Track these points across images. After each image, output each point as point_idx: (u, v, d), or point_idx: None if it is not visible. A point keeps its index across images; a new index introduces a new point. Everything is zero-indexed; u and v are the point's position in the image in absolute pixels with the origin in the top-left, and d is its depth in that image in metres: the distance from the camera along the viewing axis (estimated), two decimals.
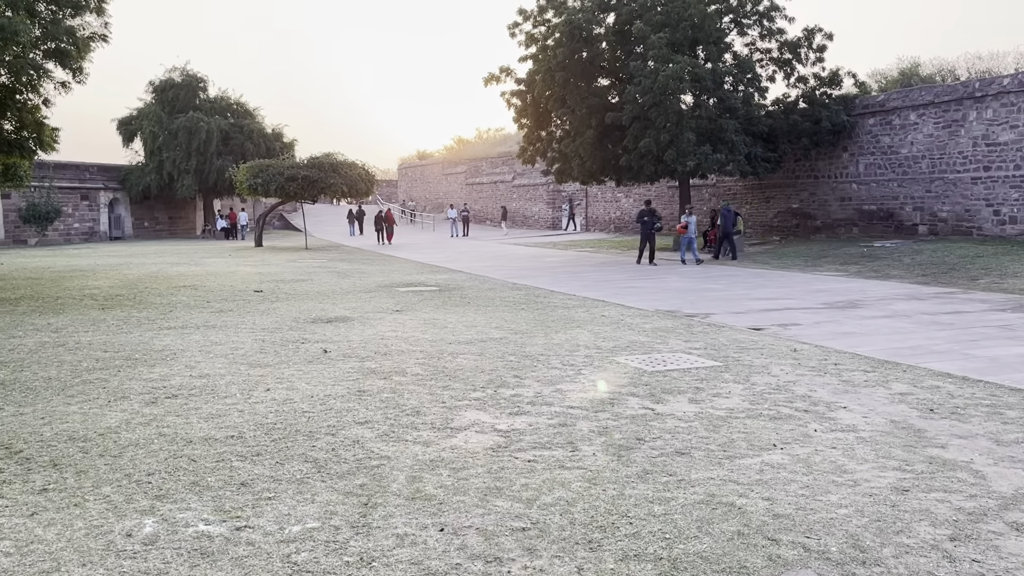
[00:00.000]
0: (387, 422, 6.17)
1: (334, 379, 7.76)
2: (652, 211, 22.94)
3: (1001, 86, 22.27)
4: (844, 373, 7.81)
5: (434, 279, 18.84)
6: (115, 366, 8.49)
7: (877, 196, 26.16)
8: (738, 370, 8.02)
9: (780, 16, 26.03)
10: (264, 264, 24.28)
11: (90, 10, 16.89)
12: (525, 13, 27.55)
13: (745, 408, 6.51)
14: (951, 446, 5.44)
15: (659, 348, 9.33)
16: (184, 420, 6.27)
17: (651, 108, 23.76)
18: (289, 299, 14.89)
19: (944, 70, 42.21)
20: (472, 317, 12.18)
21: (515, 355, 8.96)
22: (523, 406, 6.64)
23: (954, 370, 7.84)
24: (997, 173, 22.28)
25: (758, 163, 25.70)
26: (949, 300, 13.60)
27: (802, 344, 9.48)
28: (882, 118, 25.84)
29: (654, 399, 6.83)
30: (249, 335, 10.58)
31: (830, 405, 6.58)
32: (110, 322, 11.94)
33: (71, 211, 42.43)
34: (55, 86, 15.97)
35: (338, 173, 32.90)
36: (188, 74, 45.73)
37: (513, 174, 50.99)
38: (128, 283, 18.16)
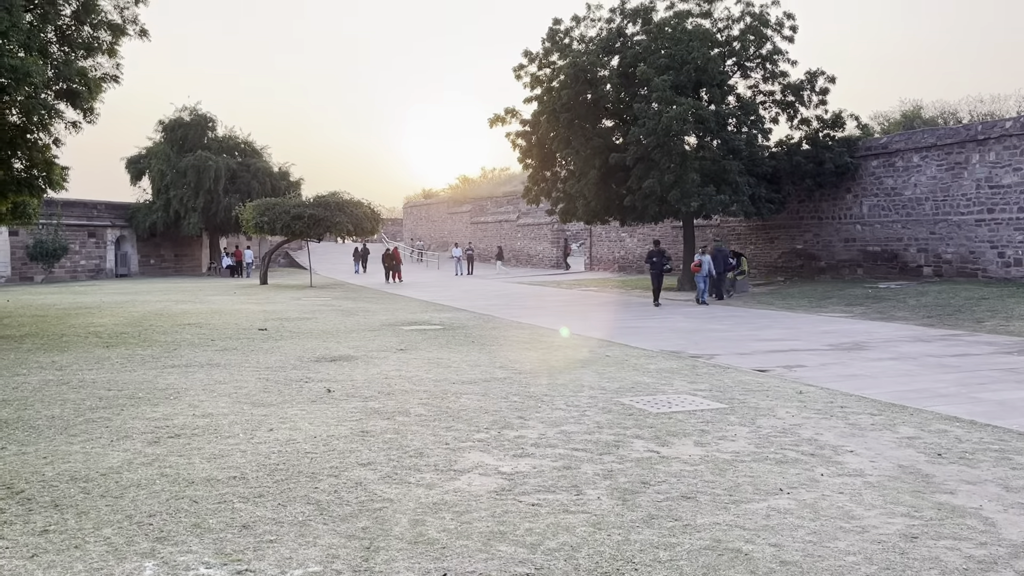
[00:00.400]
0: (390, 463, 6.13)
1: (337, 419, 7.73)
2: (661, 251, 22.72)
3: (1003, 129, 22.42)
4: (851, 416, 7.76)
5: (438, 318, 18.84)
6: (118, 405, 8.47)
7: (881, 237, 26.21)
8: (744, 412, 7.97)
9: (783, 59, 26.36)
10: (269, 302, 24.33)
11: (102, 52, 17.16)
12: (531, 55, 27.94)
13: (751, 451, 6.46)
14: (960, 492, 5.38)
15: (664, 389, 9.29)
16: (186, 460, 6.24)
17: (655, 149, 23.95)
18: (293, 337, 14.89)
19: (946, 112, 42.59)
20: (476, 356, 12.15)
21: (519, 395, 8.92)
22: (527, 448, 6.60)
23: (961, 414, 7.79)
24: (1001, 215, 22.34)
25: (762, 204, 25.82)
26: (955, 342, 13.54)
27: (808, 386, 9.43)
28: (885, 160, 25.99)
29: (659, 442, 6.78)
30: (253, 374, 10.56)
31: (837, 449, 6.53)
32: (114, 360, 11.94)
33: (78, 248, 42.68)
34: (66, 126, 16.17)
35: (344, 212, 33.11)
36: (197, 114, 46.31)
37: (518, 213, 51.26)
38: (133, 320, 18.19)
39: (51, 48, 16.24)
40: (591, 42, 27.11)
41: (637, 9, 26.71)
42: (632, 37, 26.67)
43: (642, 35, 26.29)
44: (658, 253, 22.51)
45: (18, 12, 13.53)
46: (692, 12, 26.41)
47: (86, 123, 16.45)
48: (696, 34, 25.29)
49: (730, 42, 26.20)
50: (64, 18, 16.69)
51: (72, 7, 16.78)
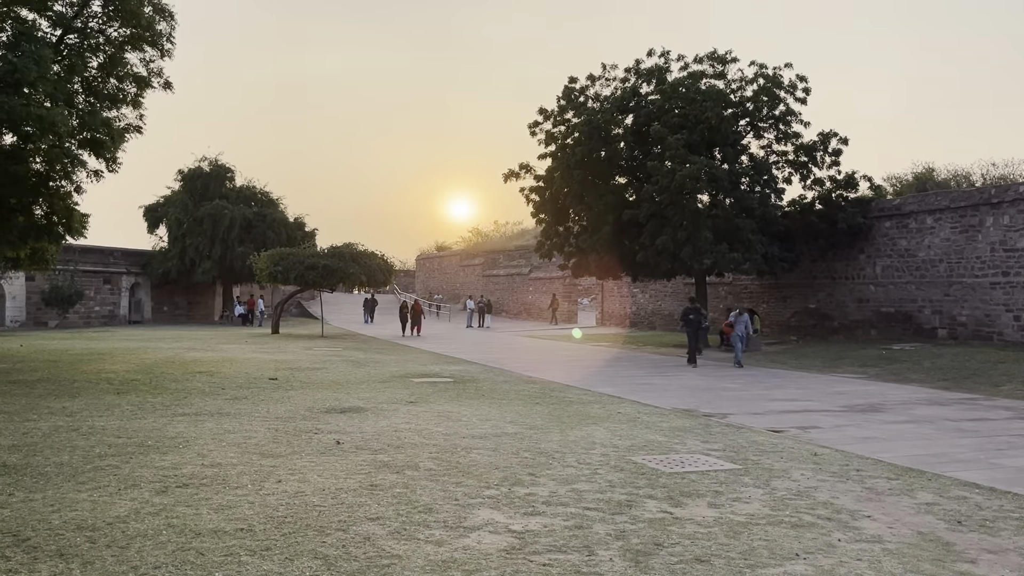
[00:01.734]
0: (399, 519, 6.05)
1: (346, 472, 7.66)
2: (698, 308, 21.88)
3: (1017, 192, 22.46)
4: (867, 480, 7.62)
5: (449, 370, 18.77)
6: (127, 453, 8.43)
7: (895, 298, 26.10)
8: (758, 474, 7.85)
9: (796, 120, 26.62)
10: (280, 351, 24.33)
11: (127, 103, 17.56)
12: (546, 113, 28.35)
13: (766, 514, 6.34)
14: (981, 561, 5.25)
15: (677, 448, 9.18)
16: (194, 511, 6.18)
17: (668, 206, 24.09)
18: (304, 388, 14.85)
19: (959, 175, 42.67)
20: (487, 411, 12.07)
21: (530, 452, 8.83)
22: (538, 506, 6.50)
23: (981, 480, 7.64)
24: (1016, 279, 22.23)
25: (775, 263, 25.83)
26: (972, 406, 13.36)
27: (823, 448, 9.30)
28: (898, 221, 26.03)
29: (672, 502, 6.67)
30: (262, 424, 10.51)
31: (854, 513, 6.40)
32: (124, 407, 11.92)
33: (92, 294, 42.98)
34: (88, 174, 16.46)
35: (358, 263, 33.30)
36: (216, 164, 47.00)
37: (530, 267, 51.40)
38: (144, 367, 18.21)
39: (77, 98, 16.63)
40: (606, 100, 27.51)
41: (652, 69, 27.13)
42: (646, 96, 27.05)
43: (656, 95, 26.66)
44: (695, 310, 21.63)
45: (46, 63, 13.89)
46: (706, 73, 26.80)
47: (108, 172, 16.74)
48: (710, 94, 25.63)
49: (744, 103, 26.51)
50: (91, 70, 17.13)
51: (99, 59, 17.24)
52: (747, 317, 21.86)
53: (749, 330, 21.69)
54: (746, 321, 21.55)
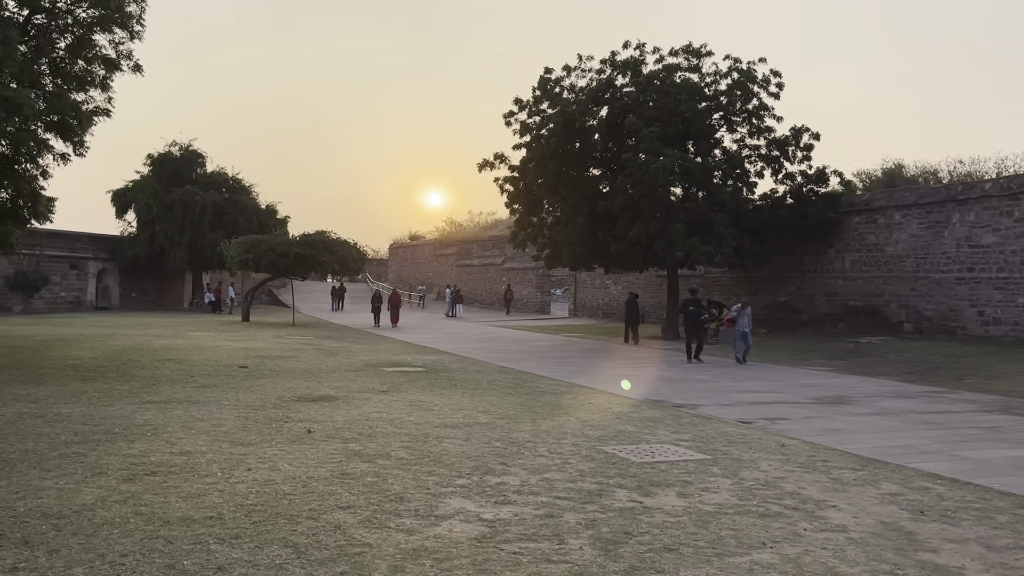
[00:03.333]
0: (370, 507, 6.04)
1: (317, 460, 7.63)
2: (697, 301, 20.75)
3: (983, 190, 22.85)
4: (833, 471, 7.74)
5: (421, 360, 18.74)
6: (94, 440, 8.33)
7: (863, 292, 26.46)
8: (727, 464, 7.93)
9: (768, 115, 26.84)
10: (250, 339, 24.13)
11: (95, 86, 17.24)
12: (521, 103, 28.32)
13: (734, 504, 6.42)
14: (943, 551, 5.36)
15: (647, 438, 9.25)
16: (162, 499, 6.12)
17: (641, 199, 24.20)
18: (274, 376, 14.75)
19: (927, 172, 43.31)
20: (459, 400, 12.08)
21: (502, 441, 8.85)
22: (509, 495, 6.53)
23: (943, 471, 7.79)
24: (981, 274, 22.64)
25: (746, 256, 26.07)
26: (936, 399, 13.61)
27: (791, 439, 9.42)
28: (867, 216, 26.38)
29: (642, 492, 6.73)
30: (232, 412, 10.44)
31: (819, 503, 6.50)
32: (91, 394, 11.77)
33: (59, 279, 42.30)
34: (55, 158, 16.15)
35: (330, 251, 33.05)
36: (188, 149, 46.38)
37: (503, 257, 51.42)
38: (112, 354, 17.98)
39: (44, 80, 16.31)
40: (581, 92, 27.54)
41: (627, 61, 27.19)
42: (621, 88, 27.12)
43: (631, 87, 26.73)
44: (694, 302, 20.51)
45: (12, 44, 13.60)
46: (681, 66, 26.92)
47: (76, 156, 16.45)
48: (684, 87, 25.76)
49: (717, 96, 26.69)
50: (59, 51, 16.80)
51: (67, 41, 16.91)
52: (750, 310, 20.55)
53: (749, 324, 20.06)
54: (749, 314, 20.26)
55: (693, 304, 20.33)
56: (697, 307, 20.30)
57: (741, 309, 20.29)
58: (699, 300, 20.80)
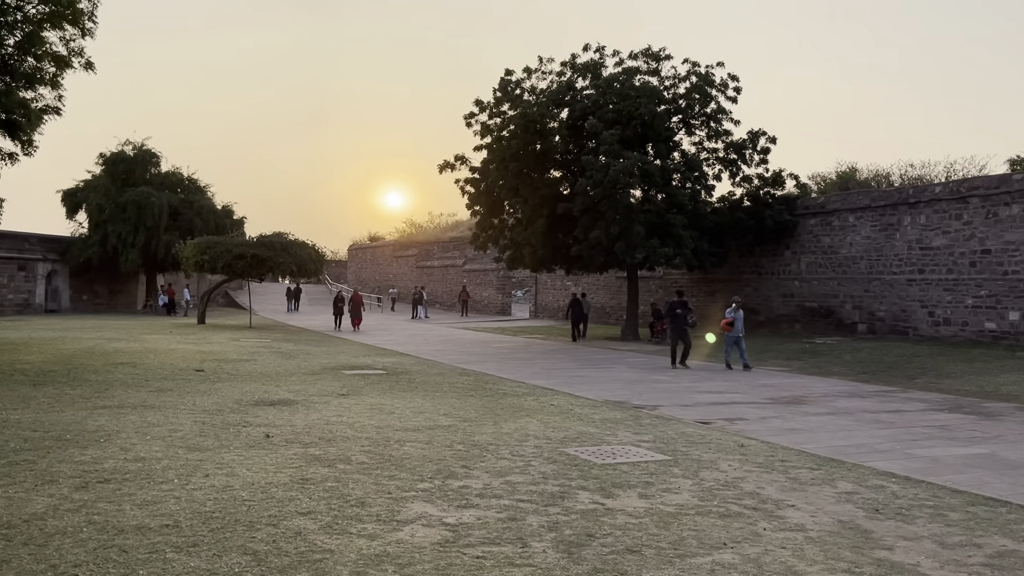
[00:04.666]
0: (331, 513, 5.98)
1: (276, 466, 7.53)
2: (684, 303, 19.69)
3: (933, 193, 23.40)
4: (791, 470, 7.85)
5: (381, 362, 18.61)
6: (44, 447, 8.12)
7: (818, 294, 26.92)
8: (687, 465, 8.01)
9: (726, 119, 27.17)
10: (206, 342, 23.74)
11: (45, 83, 16.84)
12: (482, 104, 28.29)
13: (695, 504, 6.48)
14: (898, 548, 5.46)
15: (609, 440, 9.30)
16: (116, 507, 5.98)
17: (602, 201, 24.35)
18: (231, 379, 14.53)
19: (879, 175, 44.28)
20: (420, 403, 12.02)
21: (463, 444, 8.83)
22: (472, 498, 6.51)
23: (897, 470, 7.95)
24: (931, 276, 23.18)
25: (704, 257, 26.36)
26: (889, 399, 13.89)
27: (749, 440, 9.54)
28: (823, 219, 26.85)
29: (604, 493, 6.76)
30: (188, 417, 10.25)
31: (778, 503, 6.59)
32: (41, 399, 11.47)
33: (6, 282, 41.16)
34: (2, 157, 15.72)
35: (288, 252, 32.64)
36: (141, 149, 45.46)
37: (464, 259, 51.33)
38: (62, 358, 17.54)
39: None
40: (542, 94, 27.60)
41: (587, 64, 27.34)
42: (582, 91, 27.24)
43: (591, 89, 26.87)
44: (681, 304, 19.45)
45: None
46: (640, 69, 27.13)
47: (24, 155, 16.04)
48: (644, 90, 25.97)
49: (676, 100, 26.94)
50: (7, 48, 16.36)
51: (16, 37, 16.47)
52: (742, 313, 19.21)
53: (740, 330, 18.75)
54: (742, 317, 19.03)
55: (680, 306, 19.36)
56: (684, 309, 19.34)
57: (735, 311, 18.80)
58: (686, 302, 19.86)
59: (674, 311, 19.37)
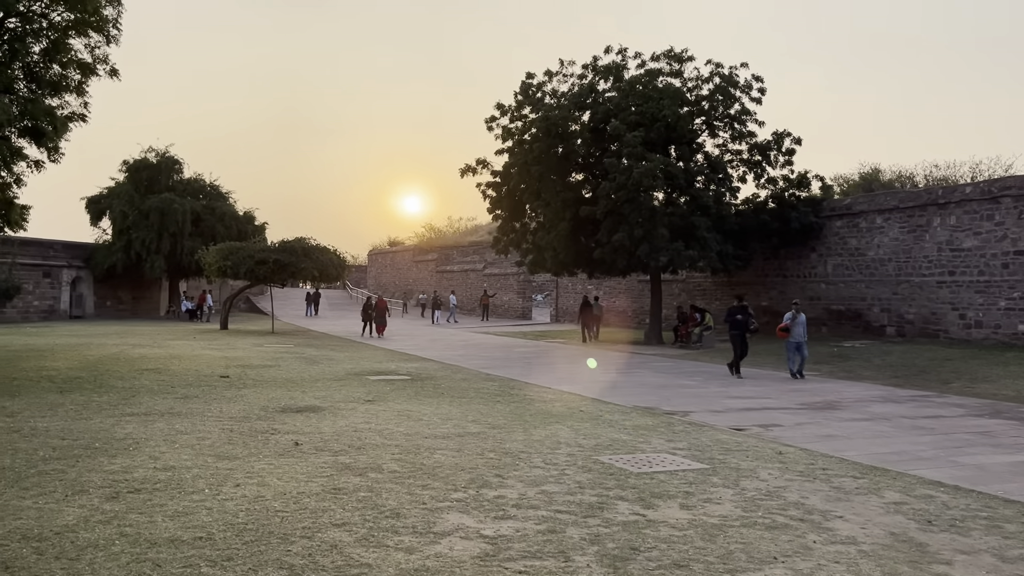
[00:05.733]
0: (366, 524, 5.83)
1: (307, 475, 7.40)
2: (745, 308, 18.36)
3: (964, 194, 22.99)
4: (834, 479, 7.63)
5: (405, 368, 18.50)
6: (73, 455, 8.04)
7: (845, 296, 26.54)
8: (726, 473, 7.80)
9: (751, 120, 26.86)
10: (230, 348, 23.74)
11: (70, 90, 16.88)
12: (503, 108, 28.17)
13: (739, 515, 6.27)
14: (956, 563, 5.24)
15: (642, 447, 9.10)
16: (148, 518, 5.87)
17: (625, 203, 24.13)
18: (257, 386, 14.46)
19: (903, 176, 43.70)
20: (447, 409, 11.87)
21: (495, 452, 8.66)
22: (508, 509, 6.34)
23: (944, 478, 7.70)
24: (962, 278, 22.76)
25: (729, 260, 26.07)
26: (925, 404, 13.58)
27: (787, 447, 9.31)
28: (849, 220, 26.47)
29: (644, 504, 6.57)
30: (216, 424, 10.16)
31: (825, 514, 6.37)
32: (68, 407, 11.43)
33: (32, 288, 41.50)
34: (28, 165, 15.75)
35: (310, 257, 32.69)
36: (164, 156, 45.72)
37: (484, 263, 51.22)
38: (88, 365, 17.57)
39: (18, 85, 15.92)
40: (563, 97, 27.45)
41: (609, 66, 27.15)
42: (604, 93, 27.05)
43: (613, 92, 26.68)
44: (741, 309, 18.17)
45: None
46: (663, 71, 26.90)
47: (50, 162, 16.07)
48: (667, 92, 25.74)
49: (699, 101, 26.68)
50: (33, 55, 16.42)
51: (42, 45, 16.53)
52: (804, 317, 17.75)
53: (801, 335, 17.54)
54: (803, 322, 17.65)
55: (740, 311, 18.05)
56: (745, 315, 18.01)
57: (794, 316, 17.55)
58: (747, 307, 18.45)
59: (734, 316, 18.10)
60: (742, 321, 17.91)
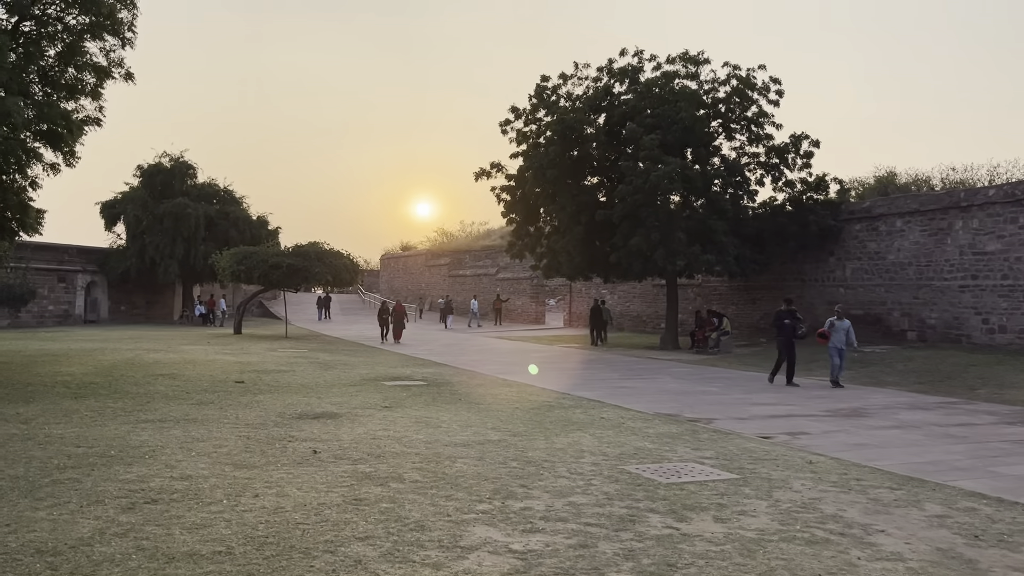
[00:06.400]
0: (390, 538, 5.63)
1: (327, 484, 7.20)
2: (793, 312, 17.51)
3: (987, 196, 22.62)
4: (870, 490, 7.37)
5: (421, 373, 18.31)
6: (88, 464, 7.88)
7: (864, 301, 26.18)
8: (757, 484, 7.55)
9: (768, 122, 26.57)
10: (244, 353, 23.63)
11: (85, 94, 16.80)
12: (517, 111, 28.01)
13: (776, 529, 6.03)
14: None
15: (669, 456, 8.86)
16: (165, 531, 5.69)
17: (642, 207, 23.88)
18: (272, 391, 14.30)
19: (919, 180, 43.19)
20: (466, 416, 11.67)
21: (517, 461, 8.45)
22: (536, 522, 6.12)
23: (985, 490, 7.43)
24: (985, 282, 22.39)
25: (746, 264, 25.78)
26: (953, 411, 13.27)
27: (817, 456, 9.05)
28: (868, 224, 26.12)
29: (676, 516, 6.34)
30: (232, 431, 9.99)
31: (866, 528, 6.12)
32: (83, 413, 11.29)
33: (47, 293, 41.58)
34: (44, 168, 15.67)
35: (323, 262, 32.61)
36: (178, 160, 45.78)
37: (496, 267, 51.03)
38: (103, 370, 17.47)
39: (33, 89, 15.85)
40: (578, 100, 27.25)
41: (625, 69, 26.93)
42: (619, 96, 26.83)
43: (629, 94, 26.45)
44: (789, 314, 17.25)
45: (5, 51, 13.15)
46: (679, 73, 26.66)
47: (66, 166, 15.99)
48: (683, 94, 25.49)
49: (716, 104, 26.42)
50: (48, 59, 16.35)
51: (57, 48, 16.46)
52: (849, 324, 17.04)
53: (852, 339, 16.91)
54: (848, 328, 16.90)
55: (788, 316, 17.16)
56: (793, 319, 17.14)
57: (837, 321, 16.82)
58: (795, 311, 17.62)
59: (781, 321, 17.18)
60: (790, 326, 17.02)
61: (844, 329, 16.76)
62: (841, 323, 16.84)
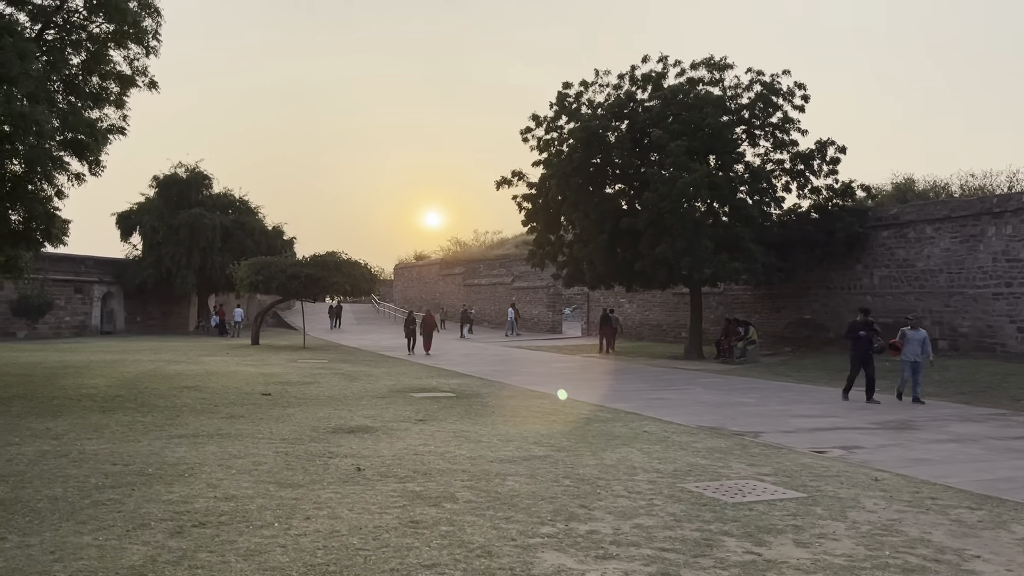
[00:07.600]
0: (458, 566, 5.30)
1: (379, 505, 6.88)
2: (870, 323, 16.17)
3: (1020, 202, 22.18)
4: (949, 511, 7.00)
5: (447, 384, 17.99)
6: (128, 483, 7.58)
7: (893, 309, 25.71)
8: (828, 503, 7.19)
9: (793, 128, 26.22)
10: (265, 364, 23.37)
11: (110, 103, 16.62)
12: (539, 119, 27.76)
13: (864, 555, 5.67)
14: None
15: (725, 473, 8.51)
16: (220, 558, 5.37)
17: (667, 215, 23.53)
18: (301, 404, 14.01)
19: (938, 186, 42.64)
20: (504, 429, 11.34)
21: (569, 478, 8.11)
22: (607, 546, 5.78)
23: None
24: (1020, 289, 21.93)
25: (772, 272, 25.40)
26: (1006, 423, 12.86)
27: (880, 472, 8.67)
28: (896, 231, 25.70)
29: (754, 540, 5.98)
30: (269, 447, 9.69)
31: (959, 553, 5.76)
32: (114, 427, 11.02)
33: (63, 304, 41.50)
34: (69, 178, 15.47)
35: (341, 272, 32.39)
36: (194, 171, 45.72)
37: (512, 276, 50.71)
38: (126, 382, 17.22)
39: (58, 97, 15.67)
40: (599, 107, 26.96)
41: (648, 75, 26.63)
42: (642, 103, 26.53)
43: (653, 101, 26.15)
44: (866, 325, 15.93)
45: (31, 58, 12.96)
46: (703, 79, 26.36)
47: (91, 175, 15.79)
48: (709, 100, 25.18)
49: (740, 110, 26.10)
50: (72, 67, 16.18)
51: (81, 57, 16.29)
52: (925, 334, 15.88)
53: (928, 350, 15.68)
54: (924, 338, 15.68)
55: (864, 327, 15.85)
56: (869, 331, 15.82)
57: (909, 331, 15.72)
58: (872, 322, 16.28)
59: (856, 332, 15.83)
60: (865, 338, 15.67)
61: (919, 340, 15.56)
62: (915, 333, 15.69)
